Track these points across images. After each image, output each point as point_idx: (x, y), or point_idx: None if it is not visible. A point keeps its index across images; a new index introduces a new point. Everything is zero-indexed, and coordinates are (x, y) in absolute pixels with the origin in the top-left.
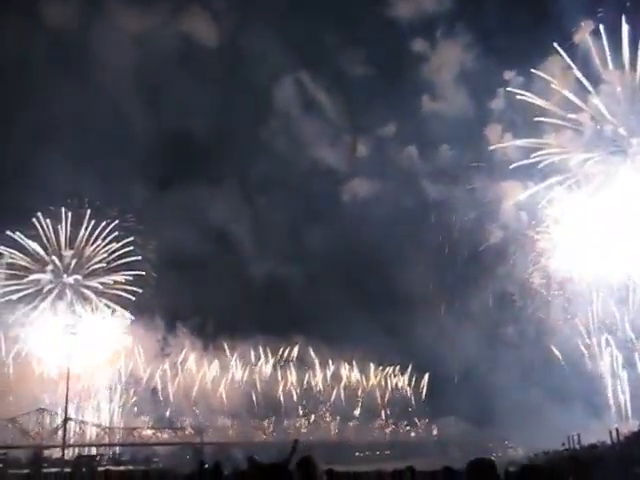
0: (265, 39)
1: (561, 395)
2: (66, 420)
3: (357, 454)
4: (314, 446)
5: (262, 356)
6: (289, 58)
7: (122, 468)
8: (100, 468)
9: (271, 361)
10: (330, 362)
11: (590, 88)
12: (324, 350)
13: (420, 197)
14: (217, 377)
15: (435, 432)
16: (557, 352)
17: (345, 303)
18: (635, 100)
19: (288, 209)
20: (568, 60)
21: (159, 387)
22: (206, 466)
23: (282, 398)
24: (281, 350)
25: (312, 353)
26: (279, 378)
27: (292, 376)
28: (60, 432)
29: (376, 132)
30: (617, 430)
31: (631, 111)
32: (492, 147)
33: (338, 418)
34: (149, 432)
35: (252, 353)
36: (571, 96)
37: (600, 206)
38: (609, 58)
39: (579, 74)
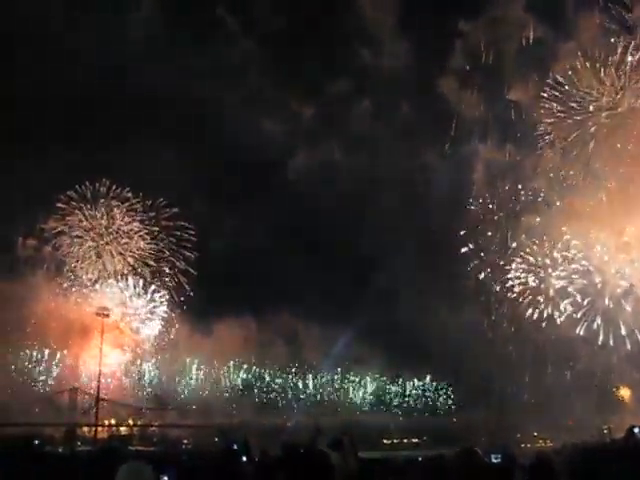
0: None
1: (566, 388)
2: (98, 400)
3: (385, 441)
4: (336, 428)
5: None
6: None
7: (152, 449)
8: (130, 448)
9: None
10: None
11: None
12: (316, 330)
13: (390, 163)
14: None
15: (459, 420)
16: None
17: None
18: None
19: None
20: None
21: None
22: (235, 447)
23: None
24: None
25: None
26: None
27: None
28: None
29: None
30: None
31: None
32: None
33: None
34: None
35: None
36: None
37: None
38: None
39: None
